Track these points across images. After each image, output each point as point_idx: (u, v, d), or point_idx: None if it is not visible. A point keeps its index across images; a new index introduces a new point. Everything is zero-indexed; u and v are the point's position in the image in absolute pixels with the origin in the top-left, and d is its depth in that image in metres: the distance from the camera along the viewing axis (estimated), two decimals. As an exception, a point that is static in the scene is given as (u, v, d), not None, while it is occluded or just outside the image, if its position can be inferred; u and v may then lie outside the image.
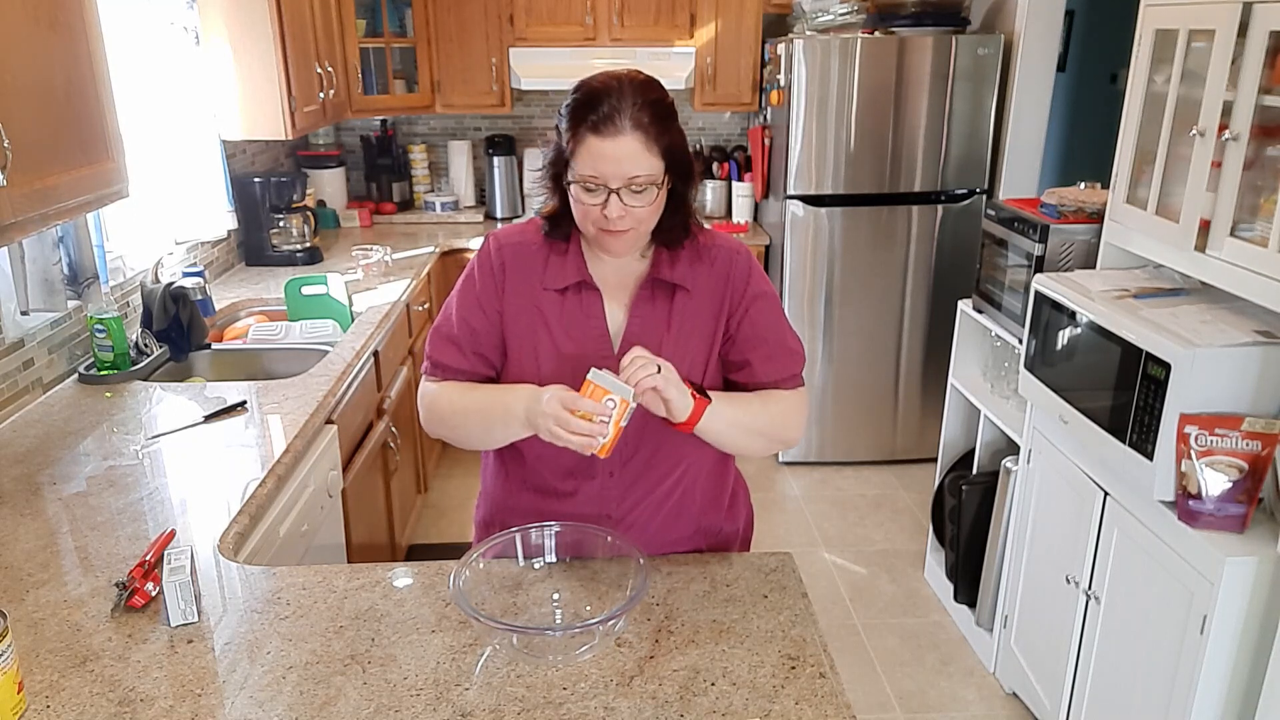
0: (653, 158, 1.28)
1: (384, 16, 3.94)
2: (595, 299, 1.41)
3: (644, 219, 1.32)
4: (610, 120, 1.25)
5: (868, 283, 3.76)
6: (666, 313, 1.41)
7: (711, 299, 1.43)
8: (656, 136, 1.27)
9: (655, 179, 1.29)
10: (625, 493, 1.44)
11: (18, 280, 2.10)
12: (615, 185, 1.27)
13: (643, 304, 1.42)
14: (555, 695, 1.16)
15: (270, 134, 3.12)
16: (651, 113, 1.27)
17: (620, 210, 1.29)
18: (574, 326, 1.41)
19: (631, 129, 1.25)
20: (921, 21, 3.61)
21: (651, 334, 1.40)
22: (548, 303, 1.41)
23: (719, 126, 4.47)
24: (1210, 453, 1.74)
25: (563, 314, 1.41)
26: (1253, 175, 1.76)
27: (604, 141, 1.25)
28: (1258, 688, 1.69)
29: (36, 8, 1.59)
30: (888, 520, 3.58)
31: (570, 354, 1.40)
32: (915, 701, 2.62)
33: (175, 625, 1.30)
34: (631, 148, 1.26)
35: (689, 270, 1.42)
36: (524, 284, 1.42)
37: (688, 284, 1.41)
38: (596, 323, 1.41)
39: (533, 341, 1.41)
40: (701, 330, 1.42)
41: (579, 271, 1.41)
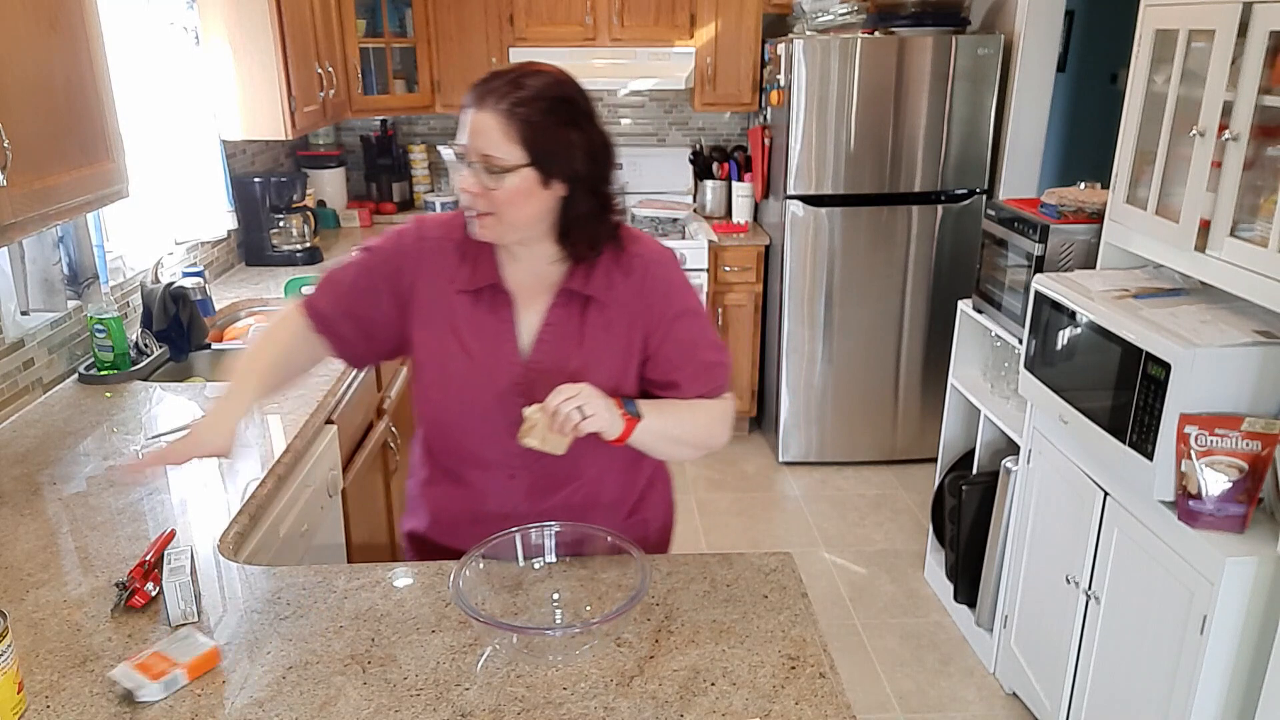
0: (511, 145, 1.25)
1: (384, 16, 3.94)
2: (505, 303, 1.39)
3: (502, 206, 1.29)
4: (482, 96, 1.26)
5: (868, 283, 3.76)
6: (580, 324, 1.39)
7: (629, 312, 1.39)
8: (522, 124, 1.25)
9: (508, 165, 1.26)
10: (528, 494, 1.44)
11: (18, 280, 2.10)
12: (470, 158, 1.28)
13: (557, 312, 1.39)
14: (555, 695, 1.16)
15: (270, 134, 3.12)
16: (535, 107, 1.25)
17: (472, 185, 1.28)
18: (484, 332, 1.39)
19: (496, 108, 1.25)
20: (921, 21, 3.61)
21: (562, 345, 1.38)
22: (459, 305, 1.40)
23: (719, 126, 4.47)
24: (1210, 453, 1.74)
25: (474, 317, 1.40)
26: (1253, 175, 1.76)
27: (470, 113, 1.27)
28: (1258, 688, 1.69)
29: (36, 8, 1.59)
30: (888, 520, 3.58)
31: (480, 357, 1.38)
32: (915, 701, 2.62)
33: (175, 625, 1.30)
34: (489, 125, 1.25)
35: (605, 281, 1.38)
36: (436, 282, 1.40)
37: (602, 296, 1.38)
38: (506, 329, 1.39)
39: (441, 345, 1.40)
40: (617, 345, 1.39)
41: (491, 274, 1.39)
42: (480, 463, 1.44)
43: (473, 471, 1.45)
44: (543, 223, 1.33)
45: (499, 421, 1.38)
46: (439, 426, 1.46)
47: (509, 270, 1.40)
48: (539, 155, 1.27)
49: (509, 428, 1.35)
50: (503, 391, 1.38)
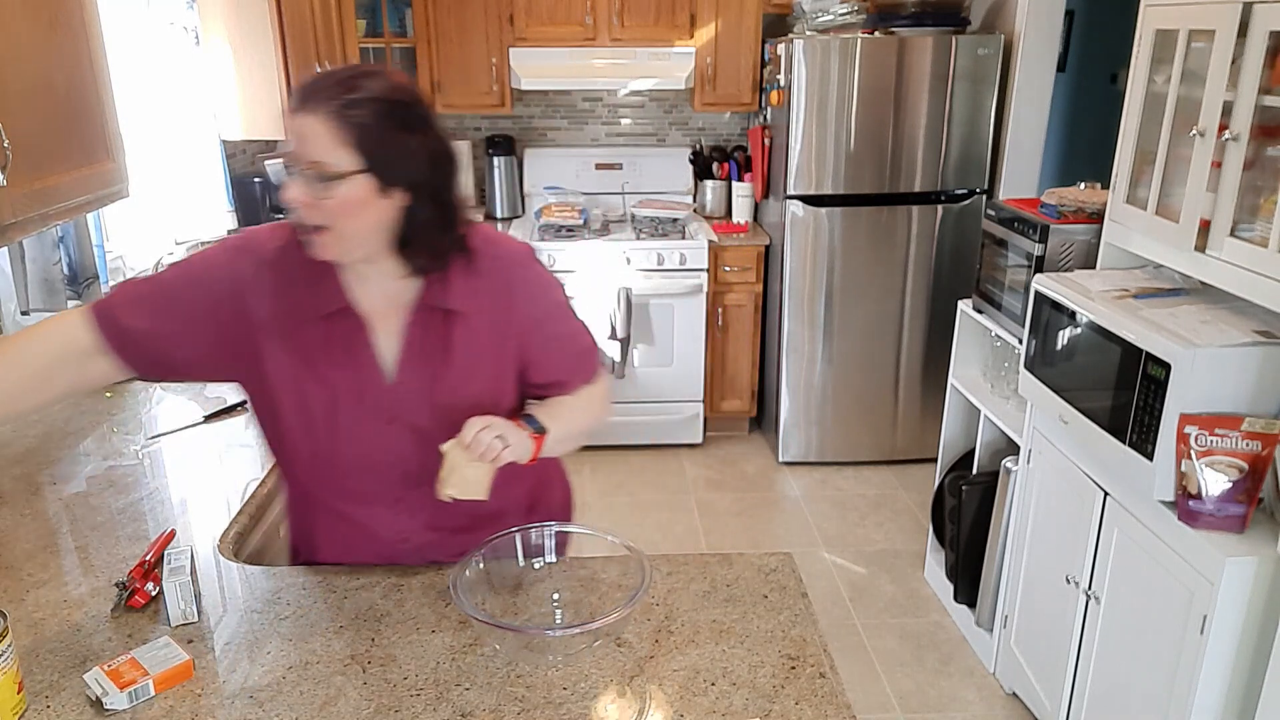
0: (343, 150, 1.15)
1: (384, 16, 3.94)
2: (358, 327, 1.30)
3: (336, 218, 1.18)
4: (305, 99, 1.16)
5: (868, 283, 3.76)
6: (444, 341, 1.31)
7: (496, 321, 1.33)
8: (354, 128, 1.15)
9: (340, 171, 1.16)
10: (418, 518, 1.39)
11: (18, 280, 2.10)
12: (298, 165, 1.18)
13: (416, 333, 1.31)
14: (555, 695, 1.16)
15: (270, 134, 3.12)
16: (369, 109, 1.16)
17: (301, 194, 1.17)
18: (341, 361, 1.30)
19: (323, 110, 1.15)
20: (921, 21, 3.61)
21: (428, 364, 1.31)
22: (309, 333, 1.29)
23: (719, 126, 4.47)
24: (1210, 453, 1.74)
25: (325, 344, 1.29)
26: (1253, 175, 1.76)
27: (294, 118, 1.17)
28: (1258, 688, 1.69)
29: (36, 8, 1.59)
30: (888, 520, 3.58)
31: (342, 385, 1.30)
32: (915, 701, 2.62)
33: (175, 625, 1.30)
34: (317, 129, 1.15)
35: (464, 291, 1.31)
36: (281, 309, 1.29)
37: (464, 308, 1.31)
38: (365, 355, 1.30)
39: (297, 380, 1.30)
40: (487, 356, 1.34)
41: (339, 297, 1.28)
42: (362, 497, 1.37)
43: (355, 506, 1.39)
44: (384, 235, 1.23)
45: (375, 452, 1.33)
46: (310, 466, 1.37)
47: (358, 291, 1.30)
48: (375, 161, 1.17)
49: (386, 457, 1.32)
50: (372, 421, 1.31)
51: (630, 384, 4.01)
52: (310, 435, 1.33)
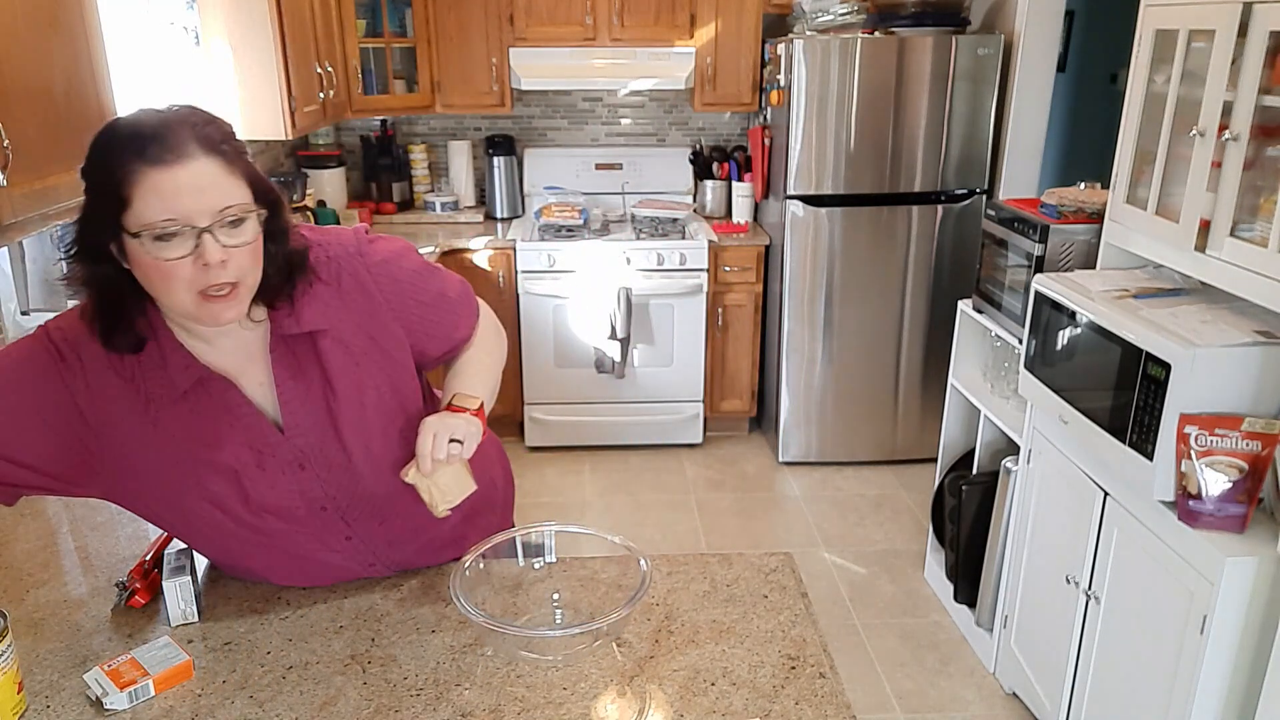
0: (239, 183, 1.05)
1: (384, 16, 3.94)
2: (226, 387, 1.17)
3: (248, 267, 1.07)
4: (174, 148, 1.00)
5: (868, 283, 3.76)
6: (319, 368, 1.20)
7: (359, 321, 1.23)
8: (235, 158, 1.06)
9: (248, 208, 1.06)
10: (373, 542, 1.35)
11: (18, 280, 2.10)
12: (204, 223, 1.02)
13: (285, 370, 1.19)
14: (555, 695, 1.16)
15: (270, 134, 3.12)
16: (221, 133, 1.06)
17: (219, 252, 1.02)
18: (222, 430, 1.17)
19: (204, 152, 1.02)
20: (921, 21, 3.61)
21: (311, 399, 1.21)
22: (173, 420, 1.15)
23: (719, 126, 4.47)
24: (1210, 453, 1.74)
25: (197, 423, 1.16)
26: (1253, 175, 1.76)
27: (171, 171, 1.00)
28: (1258, 688, 1.69)
29: (36, 8, 1.59)
30: (888, 520, 3.58)
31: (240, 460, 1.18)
32: (915, 701, 2.62)
33: (175, 625, 1.30)
34: (210, 172, 1.02)
35: (314, 307, 1.19)
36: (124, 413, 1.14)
37: (322, 324, 1.19)
38: (243, 414, 1.18)
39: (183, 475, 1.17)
40: (371, 362, 1.24)
41: (191, 368, 1.14)
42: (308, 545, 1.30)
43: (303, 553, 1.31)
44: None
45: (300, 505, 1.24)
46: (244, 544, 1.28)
47: (208, 354, 1.16)
48: (256, 189, 1.08)
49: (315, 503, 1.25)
50: (286, 477, 1.22)
51: (630, 384, 4.01)
52: (230, 515, 1.22)
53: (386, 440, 1.27)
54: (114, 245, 1.04)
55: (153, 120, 1.03)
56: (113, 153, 1.01)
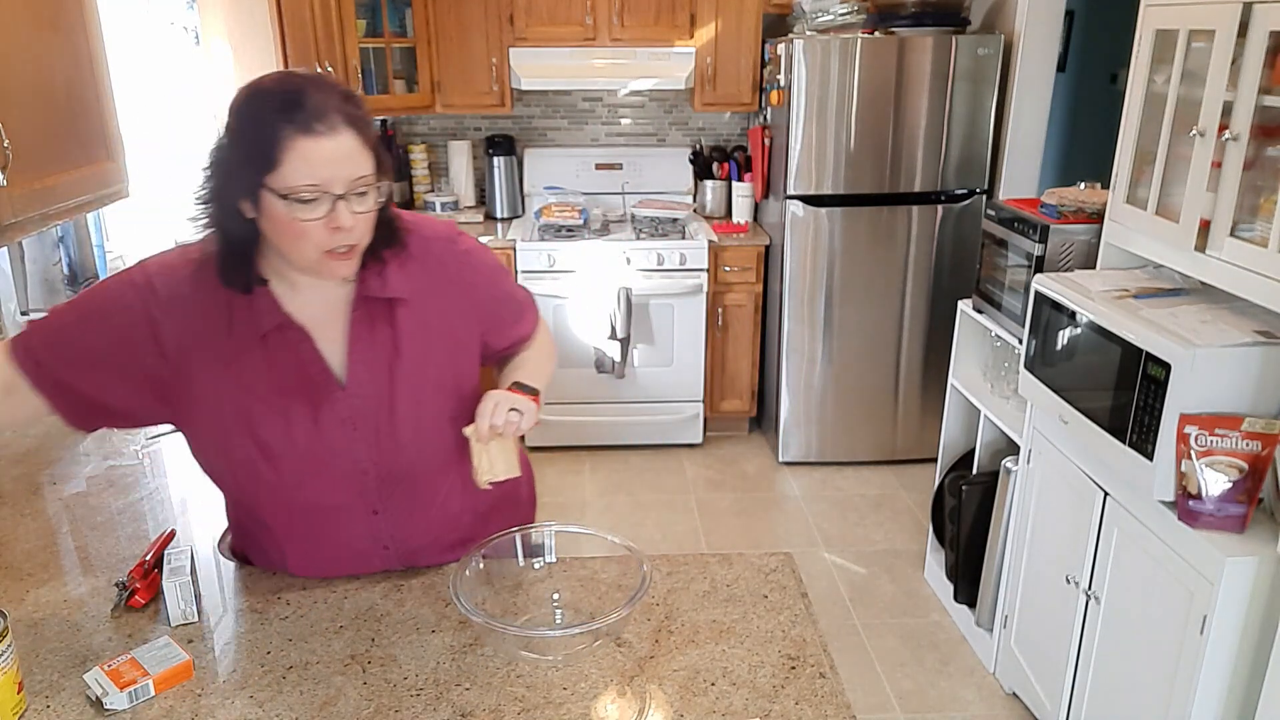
0: (370, 157, 1.15)
1: (384, 16, 3.94)
2: (300, 337, 1.24)
3: (369, 229, 1.18)
4: (323, 118, 1.09)
5: (868, 283, 3.76)
6: (391, 334, 1.28)
7: (441, 300, 1.31)
8: (367, 133, 1.15)
9: (374, 179, 1.16)
10: (398, 525, 1.37)
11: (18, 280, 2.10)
12: (340, 190, 1.11)
13: (361, 331, 1.27)
14: (555, 695, 1.16)
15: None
16: (358, 107, 1.15)
17: (350, 219, 1.13)
18: (286, 378, 1.24)
19: (346, 125, 1.11)
20: (921, 21, 3.61)
21: (378, 361, 1.27)
22: (247, 358, 1.23)
23: (719, 126, 4.47)
24: (1210, 453, 1.74)
25: (269, 367, 1.23)
26: (1253, 175, 1.76)
27: (320, 141, 1.09)
28: (1258, 688, 1.69)
29: (36, 8, 1.59)
30: (888, 520, 3.58)
31: (295, 403, 1.24)
32: (915, 701, 2.62)
33: (175, 625, 1.30)
34: (350, 145, 1.12)
35: (402, 277, 1.28)
36: (205, 342, 1.22)
37: (405, 294, 1.28)
38: (311, 363, 1.25)
39: (244, 404, 1.23)
40: (440, 340, 1.31)
41: (274, 312, 1.23)
42: (335, 512, 1.33)
43: (328, 524, 1.34)
44: None
45: (343, 463, 1.29)
46: (276, 493, 1.31)
47: (293, 303, 1.24)
48: (380, 161, 1.17)
49: (356, 465, 1.29)
50: (335, 432, 1.27)
51: (630, 384, 4.01)
52: (271, 463, 1.26)
53: (437, 418, 1.31)
54: (248, 198, 1.12)
55: (304, 89, 1.10)
56: (268, 116, 1.09)
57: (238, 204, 1.14)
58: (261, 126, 1.10)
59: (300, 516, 1.34)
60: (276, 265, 1.23)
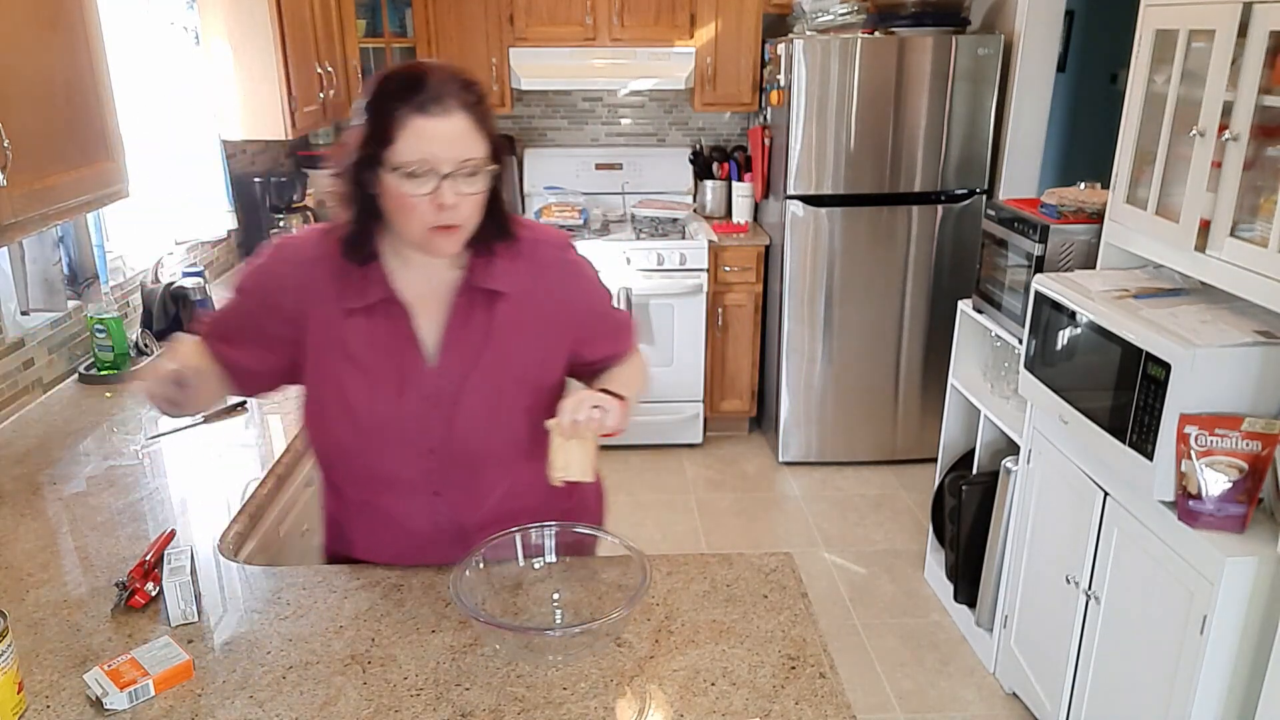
0: (482, 141, 1.22)
1: (384, 16, 3.94)
2: (401, 314, 1.32)
3: (473, 212, 1.24)
4: (439, 100, 1.17)
5: (868, 283, 3.76)
6: (486, 323, 1.33)
7: (546, 306, 1.36)
8: (483, 119, 1.22)
9: (485, 163, 1.22)
10: (457, 506, 1.39)
11: (18, 280, 2.10)
12: (447, 169, 1.19)
13: (460, 314, 1.33)
14: (555, 695, 1.16)
15: (270, 134, 3.12)
16: (476, 95, 1.22)
17: (454, 197, 1.20)
18: (384, 349, 1.32)
19: (460, 108, 1.19)
20: (921, 21, 3.61)
21: (471, 347, 1.33)
22: (351, 326, 1.32)
23: (719, 126, 4.47)
24: (1210, 453, 1.74)
25: (369, 336, 1.32)
26: (1253, 175, 1.76)
27: (433, 121, 1.17)
28: (1258, 688, 1.69)
29: (36, 8, 1.59)
30: (888, 520, 3.58)
31: (383, 374, 1.32)
32: (915, 701, 2.62)
33: (175, 625, 1.30)
34: (462, 127, 1.19)
35: (508, 272, 1.33)
36: (323, 306, 1.32)
37: (508, 288, 1.33)
38: (405, 340, 1.32)
39: (338, 372, 1.32)
40: (533, 340, 1.36)
41: (382, 287, 1.31)
42: (399, 487, 1.37)
43: (391, 497, 1.39)
44: None
45: (417, 439, 1.33)
46: (350, 457, 1.37)
47: (402, 280, 1.32)
48: (493, 149, 1.24)
49: (428, 443, 1.33)
50: (415, 407, 1.33)
51: (630, 384, 4.01)
52: (353, 426, 1.33)
53: (511, 410, 1.35)
54: (371, 174, 1.21)
55: (426, 74, 1.19)
56: (389, 97, 1.19)
57: (360, 178, 1.23)
58: (383, 106, 1.19)
59: (368, 484, 1.39)
60: (393, 243, 1.30)
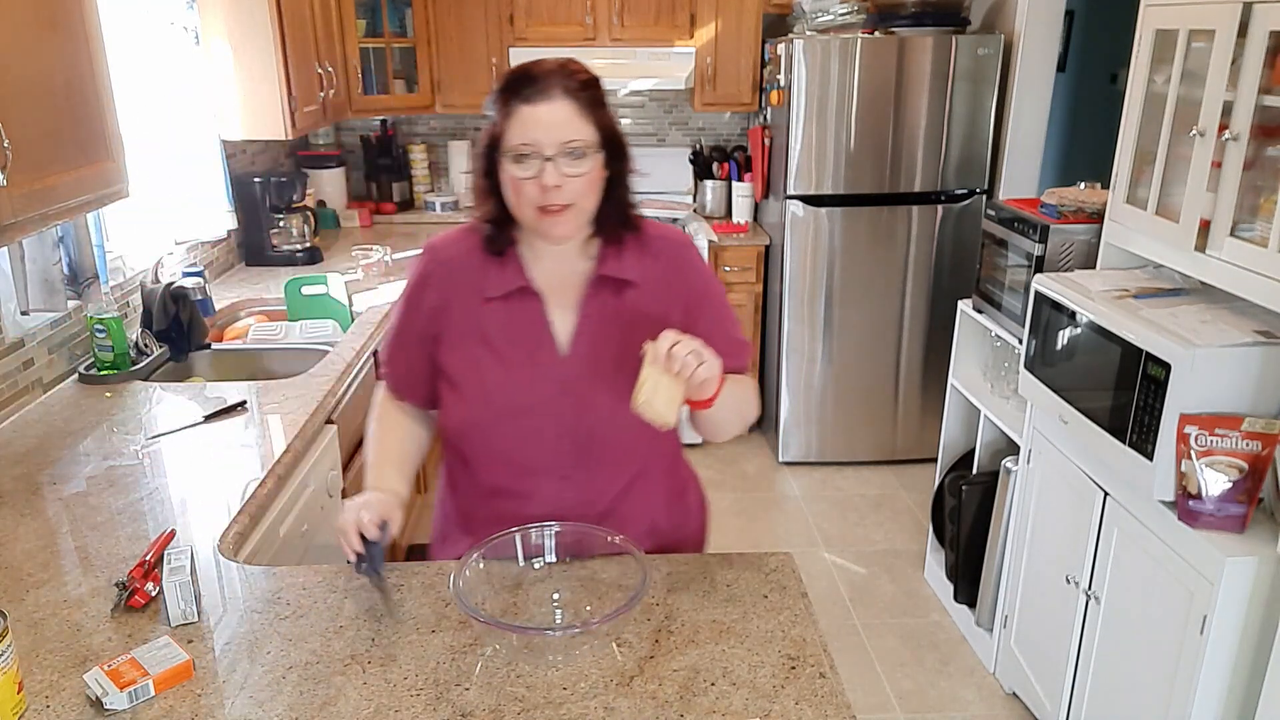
0: (586, 125, 1.28)
1: (384, 16, 3.94)
2: (536, 303, 1.39)
3: (582, 193, 1.30)
4: (542, 89, 1.26)
5: (868, 283, 3.76)
6: (616, 311, 1.39)
7: (662, 293, 1.41)
8: (590, 105, 1.28)
9: (590, 145, 1.28)
10: (580, 494, 1.42)
11: (18, 280, 2.10)
12: (550, 152, 1.26)
13: (591, 304, 1.39)
14: (555, 695, 1.16)
15: (270, 134, 3.12)
16: (582, 84, 1.29)
17: (556, 178, 1.26)
18: (519, 336, 1.39)
19: (563, 95, 1.26)
20: (921, 21, 3.61)
21: (602, 335, 1.38)
22: (490, 313, 1.39)
23: (719, 126, 4.47)
24: (1210, 453, 1.74)
25: (506, 322, 1.39)
26: (1253, 175, 1.76)
27: (536, 107, 1.25)
28: (1258, 688, 1.69)
29: (36, 8, 1.59)
30: (888, 520, 3.58)
31: (518, 361, 1.38)
32: (915, 701, 2.62)
33: (175, 625, 1.30)
34: (564, 111, 1.26)
35: (637, 264, 1.40)
36: (465, 297, 1.40)
37: (636, 278, 1.39)
38: (540, 328, 1.39)
39: (475, 357, 1.39)
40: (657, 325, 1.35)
41: (518, 277, 1.38)
42: (529, 471, 1.41)
43: (522, 481, 1.42)
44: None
45: (546, 425, 1.38)
46: (482, 440, 1.42)
47: (536, 270, 1.39)
48: (606, 135, 1.30)
49: (556, 428, 1.38)
50: (547, 392, 1.38)
51: (630, 384, 4.01)
52: (488, 409, 1.39)
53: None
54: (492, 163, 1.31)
55: (533, 70, 1.28)
56: (504, 91, 1.28)
57: (487, 169, 1.32)
58: (498, 99, 1.29)
59: (500, 468, 1.42)
60: (526, 236, 1.38)
